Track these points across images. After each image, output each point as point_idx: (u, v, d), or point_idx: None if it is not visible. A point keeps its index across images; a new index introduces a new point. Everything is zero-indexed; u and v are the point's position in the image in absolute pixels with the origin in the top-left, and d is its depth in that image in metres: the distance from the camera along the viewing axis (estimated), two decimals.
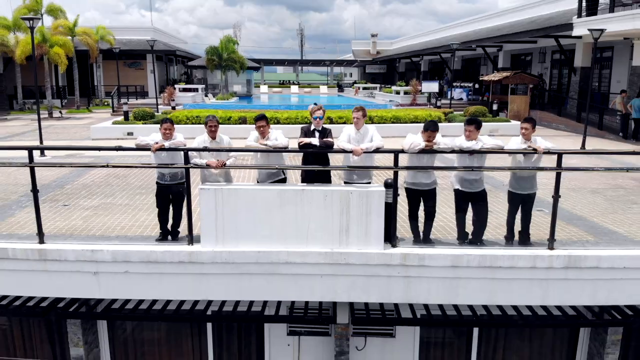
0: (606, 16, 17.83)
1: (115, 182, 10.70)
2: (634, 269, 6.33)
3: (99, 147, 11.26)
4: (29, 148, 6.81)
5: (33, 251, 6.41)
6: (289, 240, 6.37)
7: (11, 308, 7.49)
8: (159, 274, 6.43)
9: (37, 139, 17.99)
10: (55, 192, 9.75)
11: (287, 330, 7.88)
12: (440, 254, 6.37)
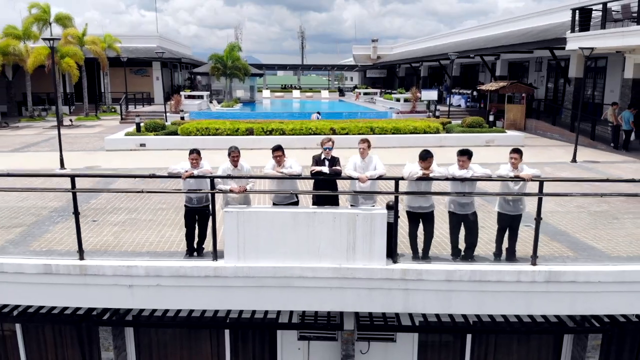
0: (597, 32, 18.63)
1: (136, 197, 11.51)
2: (608, 283, 7.15)
3: (134, 174, 11.88)
4: (72, 175, 7.58)
5: (75, 267, 7.24)
6: (302, 256, 7.19)
7: (50, 316, 8.33)
8: (187, 286, 7.26)
9: (52, 148, 18.92)
10: (82, 208, 10.54)
11: (297, 336, 8.70)
12: (436, 270, 7.19)
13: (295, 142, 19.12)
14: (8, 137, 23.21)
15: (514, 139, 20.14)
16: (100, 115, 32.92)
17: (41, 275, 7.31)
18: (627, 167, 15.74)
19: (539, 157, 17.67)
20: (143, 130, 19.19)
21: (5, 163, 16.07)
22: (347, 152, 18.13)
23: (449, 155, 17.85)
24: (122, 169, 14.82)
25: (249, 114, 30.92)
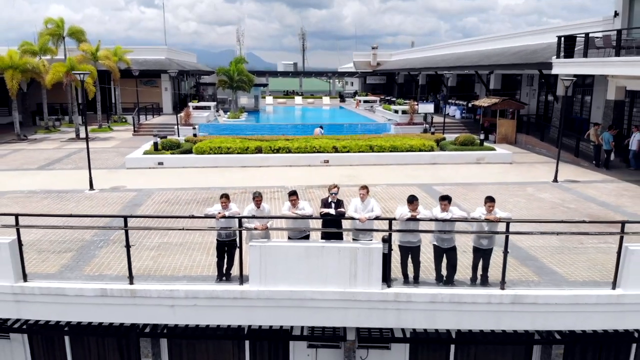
0: (580, 60, 20.18)
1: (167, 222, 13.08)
2: (563, 305, 8.74)
3: (176, 215, 12.98)
4: (125, 216, 9.09)
5: (126, 290, 8.82)
6: (312, 282, 8.77)
7: (97, 329, 9.91)
8: (219, 306, 8.85)
9: (75, 166, 20.52)
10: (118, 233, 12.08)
11: (307, 345, 10.28)
12: (422, 293, 8.78)
13: (301, 160, 20.75)
14: (30, 151, 24.76)
15: (503, 156, 21.72)
16: (111, 125, 34.50)
17: (98, 297, 8.91)
18: (604, 187, 17.27)
19: (524, 176, 19.25)
20: (160, 149, 20.73)
21: (36, 182, 17.64)
22: (348, 169, 19.84)
23: (442, 173, 19.62)
24: (145, 189, 16.38)
25: (255, 126, 32.50)
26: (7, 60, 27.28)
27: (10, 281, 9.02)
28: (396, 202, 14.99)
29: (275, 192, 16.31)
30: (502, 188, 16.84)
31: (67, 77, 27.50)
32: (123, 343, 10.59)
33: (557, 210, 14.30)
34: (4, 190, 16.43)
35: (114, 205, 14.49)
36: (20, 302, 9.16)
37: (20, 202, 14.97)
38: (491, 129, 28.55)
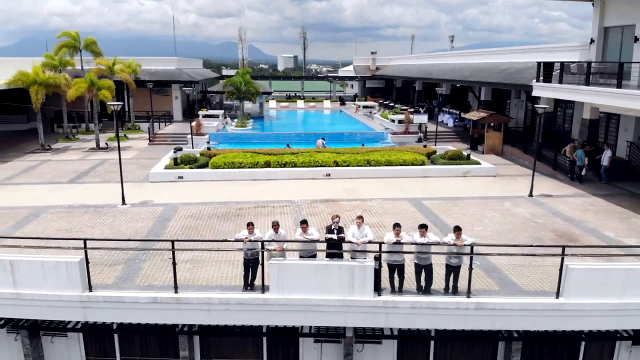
0: (556, 86, 22.47)
1: (191, 233, 15.44)
2: (516, 310, 11.12)
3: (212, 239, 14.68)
4: (172, 240, 11.42)
5: (172, 298, 11.20)
6: (319, 292, 11.13)
7: (145, 328, 12.29)
8: (245, 310, 11.22)
9: (103, 179, 22.82)
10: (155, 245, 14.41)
11: (313, 340, 12.66)
12: (405, 300, 11.15)
13: (305, 174, 23.10)
14: (56, 162, 27.05)
15: (487, 170, 24.05)
16: (126, 132, 36.76)
17: (150, 304, 11.29)
18: (573, 202, 19.61)
19: (505, 189, 21.57)
20: (179, 163, 23.05)
21: (71, 196, 19.96)
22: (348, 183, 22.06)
23: (431, 187, 21.89)
24: (171, 203, 18.73)
25: (261, 135, 34.82)
26: (32, 76, 29.53)
27: (79, 291, 11.40)
28: (390, 216, 17.39)
29: (285, 206, 18.65)
30: (482, 203, 19.20)
31: (89, 92, 29.73)
32: (163, 339, 13.01)
33: (526, 225, 16.65)
34: (46, 204, 18.76)
35: (147, 220, 16.84)
36: (86, 308, 11.54)
37: (63, 217, 17.32)
38: (480, 140, 30.87)
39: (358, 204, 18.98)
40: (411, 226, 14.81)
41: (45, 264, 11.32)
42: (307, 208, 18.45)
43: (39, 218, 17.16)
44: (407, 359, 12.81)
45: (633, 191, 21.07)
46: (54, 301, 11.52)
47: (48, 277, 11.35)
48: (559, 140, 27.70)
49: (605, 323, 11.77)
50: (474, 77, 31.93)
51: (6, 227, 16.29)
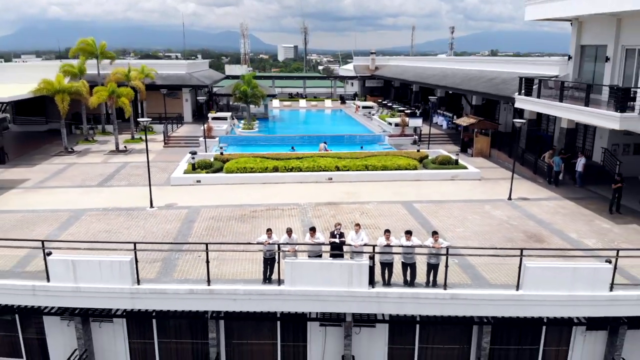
0: (534, 100, 24.96)
1: (214, 234, 18.04)
2: (484, 300, 13.76)
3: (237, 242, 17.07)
4: (207, 243, 14.03)
5: (206, 290, 13.85)
6: (324, 284, 13.77)
7: (179, 314, 14.93)
8: (265, 299, 13.88)
9: (128, 183, 25.34)
10: (185, 247, 17.00)
11: (319, 324, 15.31)
12: (394, 292, 13.79)
13: (309, 178, 25.68)
14: (82, 165, 29.60)
15: (473, 174, 26.62)
16: (140, 133, 39.23)
17: (187, 294, 13.94)
18: (546, 205, 22.19)
19: (487, 193, 24.14)
20: (196, 167, 25.62)
21: (103, 200, 22.52)
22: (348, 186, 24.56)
23: (422, 190, 24.42)
24: (193, 206, 21.33)
25: (267, 137, 37.35)
26: (56, 85, 31.99)
27: (129, 284, 14.04)
28: (384, 218, 20.01)
29: (292, 209, 21.25)
30: (465, 205, 21.81)
31: (110, 100, 32.22)
32: (194, 324, 15.67)
33: (501, 227, 19.27)
34: (83, 207, 21.37)
35: (174, 222, 19.45)
36: (135, 298, 14.19)
37: (101, 219, 19.93)
38: (470, 143, 33.42)
39: (357, 206, 21.59)
40: (402, 227, 17.44)
41: (102, 263, 13.97)
42: (312, 211, 21.06)
43: (80, 220, 19.76)
44: (397, 340, 15.49)
45: (603, 194, 23.60)
46: (109, 293, 14.18)
47: (104, 273, 13.99)
48: (542, 144, 30.25)
49: (557, 311, 14.43)
50: (464, 85, 34.39)
51: (52, 229, 18.91)
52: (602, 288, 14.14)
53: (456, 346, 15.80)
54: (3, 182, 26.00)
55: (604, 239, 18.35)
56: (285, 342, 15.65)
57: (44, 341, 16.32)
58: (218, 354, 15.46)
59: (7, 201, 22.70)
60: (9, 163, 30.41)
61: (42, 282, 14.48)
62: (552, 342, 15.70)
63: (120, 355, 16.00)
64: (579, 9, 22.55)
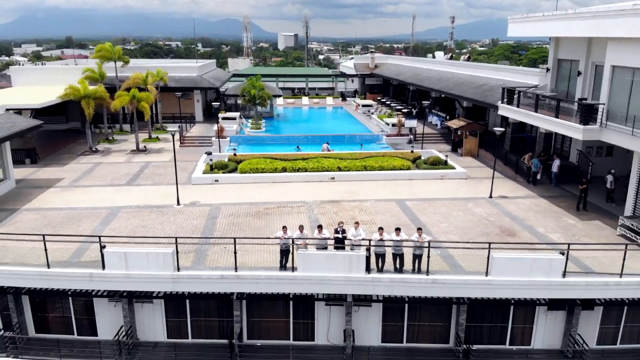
0: (514, 109, 28.01)
1: (235, 229, 21.20)
2: (459, 284, 16.99)
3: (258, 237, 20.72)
4: (235, 238, 17.23)
5: (234, 275, 17.09)
6: (329, 271, 17.00)
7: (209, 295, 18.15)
8: (283, 283, 17.13)
9: (154, 182, 28.40)
10: (212, 240, 20.15)
11: (325, 303, 18.55)
12: (386, 277, 17.04)
13: (314, 177, 28.82)
14: (108, 165, 32.67)
15: (460, 174, 29.75)
16: (155, 132, 42.24)
17: (219, 279, 17.18)
18: (522, 203, 25.32)
19: (472, 191, 27.24)
20: (214, 168, 28.75)
21: (133, 198, 25.64)
22: (348, 185, 27.64)
23: (414, 189, 27.55)
24: (214, 204, 24.48)
25: (274, 137, 40.44)
26: (82, 91, 34.99)
27: (171, 271, 17.26)
28: (380, 215, 23.15)
29: (300, 207, 24.40)
30: (451, 203, 24.96)
31: (131, 104, 35.26)
32: (222, 304, 18.89)
33: (480, 223, 22.44)
34: (118, 205, 24.52)
35: (200, 218, 22.63)
36: (175, 282, 17.42)
37: (136, 215, 23.11)
38: (460, 144, 36.49)
39: (356, 204, 24.75)
40: (395, 223, 20.61)
41: (149, 254, 17.19)
42: (318, 208, 24.23)
43: (117, 217, 22.94)
44: (389, 317, 18.75)
45: (575, 193, 26.60)
46: (154, 278, 17.40)
47: (150, 262, 17.21)
48: (524, 146, 33.31)
49: (520, 293, 17.65)
50: (455, 90, 37.39)
51: (96, 224, 22.09)
52: (556, 275, 17.36)
53: (438, 323, 19.09)
54: (40, 181, 29.14)
55: (567, 234, 21.53)
56: (296, 320, 18.94)
57: (93, 320, 19.58)
58: (241, 329, 18.74)
59: (49, 199, 25.84)
60: (40, 163, 33.47)
61: (98, 270, 17.70)
62: (518, 320, 18.96)
63: (158, 331, 19.28)
64: (554, 32, 25.54)
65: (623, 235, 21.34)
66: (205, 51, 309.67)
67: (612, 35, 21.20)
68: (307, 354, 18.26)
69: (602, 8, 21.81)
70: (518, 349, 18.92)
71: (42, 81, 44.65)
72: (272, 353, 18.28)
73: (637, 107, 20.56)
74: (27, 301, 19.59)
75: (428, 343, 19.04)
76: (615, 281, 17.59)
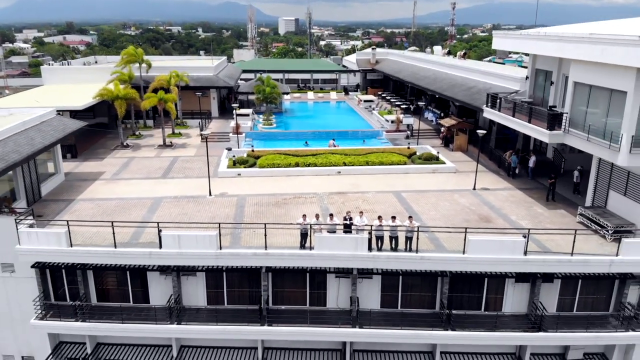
0: (496, 112, 32.32)
1: (261, 216, 25.74)
2: (441, 259, 21.63)
3: (283, 223, 25.76)
4: (265, 224, 21.86)
5: (264, 253, 21.73)
6: (338, 249, 21.62)
7: (241, 269, 22.77)
8: (302, 259, 21.79)
9: (185, 175, 32.90)
10: (241, 226, 24.68)
11: (335, 275, 23.18)
12: (384, 255, 21.68)
13: (323, 171, 33.31)
14: (141, 159, 37.07)
15: (449, 168, 34.22)
16: (177, 128, 46.59)
17: (251, 255, 21.82)
18: (501, 194, 29.81)
19: (459, 184, 31.69)
20: (236, 163, 33.22)
21: (170, 189, 30.12)
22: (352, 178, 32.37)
23: (409, 182, 32.21)
24: (240, 194, 28.97)
25: (284, 133, 44.90)
26: (115, 92, 39.32)
27: (215, 249, 21.87)
28: (380, 204, 27.65)
29: (312, 197, 28.91)
30: (440, 194, 29.46)
31: (159, 104, 39.62)
32: (252, 276, 23.50)
33: (463, 211, 26.96)
34: (158, 196, 29.02)
35: (230, 207, 27.16)
36: (218, 258, 22.04)
37: (176, 205, 27.62)
38: (451, 140, 40.87)
39: (359, 195, 29.24)
40: (392, 212, 25.10)
41: (198, 236, 21.79)
42: (327, 198, 28.75)
43: (161, 206, 27.47)
44: (387, 286, 23.41)
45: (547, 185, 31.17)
46: (200, 255, 22.01)
47: (199, 242, 21.81)
48: (508, 143, 37.69)
49: (490, 268, 22.25)
50: (448, 92, 41.67)
51: (144, 212, 26.62)
52: (519, 253, 21.93)
53: (426, 293, 23.76)
54: (85, 174, 33.62)
55: (535, 221, 26.04)
56: (312, 289, 23.61)
57: (146, 290, 24.21)
58: (267, 297, 23.40)
59: (97, 190, 30.35)
60: (80, 157, 37.88)
61: (156, 249, 22.27)
62: (491, 291, 23.59)
63: (200, 299, 23.95)
64: (529, 49, 29.85)
65: (581, 223, 25.84)
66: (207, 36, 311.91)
67: (573, 58, 25.50)
68: (320, 316, 22.95)
69: (567, 33, 26.06)
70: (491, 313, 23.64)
71: (70, 80, 49.01)
72: (293, 316, 22.94)
73: (592, 117, 24.93)
74: (91, 275, 24.20)
75: (418, 308, 23.74)
76: (567, 259, 22.15)
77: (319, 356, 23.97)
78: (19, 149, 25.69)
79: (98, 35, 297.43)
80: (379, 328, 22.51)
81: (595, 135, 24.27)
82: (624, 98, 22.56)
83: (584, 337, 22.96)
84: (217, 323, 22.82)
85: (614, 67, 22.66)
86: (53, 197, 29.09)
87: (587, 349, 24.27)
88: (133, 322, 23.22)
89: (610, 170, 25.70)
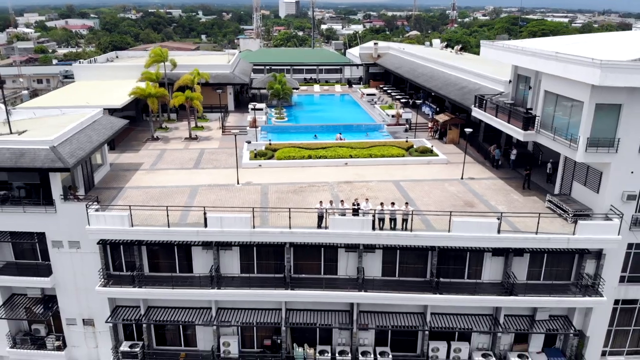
0: (482, 112, 37.41)
1: (282, 202, 31.05)
2: (430, 237, 27.07)
3: (303, 208, 31.19)
4: (289, 209, 27.25)
5: (289, 231, 27.17)
6: (348, 229, 27.05)
7: (269, 244, 28.18)
8: (318, 236, 27.27)
9: (214, 166, 38.12)
10: (268, 209, 29.97)
11: (344, 250, 28.61)
12: (384, 233, 27.12)
13: (332, 163, 38.59)
14: (173, 151, 42.17)
15: (442, 160, 39.44)
16: (199, 121, 51.57)
17: (279, 233, 27.27)
18: (484, 183, 35.05)
19: (450, 174, 36.88)
20: (257, 155, 38.47)
21: (203, 178, 35.36)
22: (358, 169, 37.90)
23: (407, 172, 37.65)
24: (263, 183, 34.22)
25: (296, 127, 50.03)
26: (147, 91, 44.39)
27: (249, 228, 27.29)
28: (382, 192, 32.95)
29: (324, 185, 34.17)
30: (433, 183, 34.72)
31: (187, 102, 44.72)
32: (277, 250, 28.92)
33: (451, 198, 32.25)
34: (194, 184, 34.28)
35: (256, 194, 32.45)
36: (252, 235, 27.48)
37: (211, 192, 32.91)
38: (445, 134, 46.00)
39: (364, 184, 34.50)
40: (391, 198, 30.33)
41: (236, 218, 27.18)
42: (337, 187, 34.03)
43: (198, 193, 32.76)
44: (387, 259, 28.88)
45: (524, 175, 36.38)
46: (238, 233, 27.43)
47: (237, 222, 27.20)
48: (494, 136, 42.72)
49: (471, 243, 27.65)
50: (443, 90, 46.65)
51: (185, 198, 31.92)
52: (493, 232, 27.30)
53: (419, 265, 29.22)
54: (126, 165, 38.77)
55: (510, 206, 31.33)
56: (326, 262, 29.08)
57: (190, 262, 29.66)
58: (290, 267, 28.86)
59: (141, 179, 35.58)
60: (117, 149, 42.97)
61: (202, 228, 27.64)
62: (472, 264, 29.05)
63: (235, 269, 29.44)
64: (511, 60, 34.87)
65: (549, 207, 31.12)
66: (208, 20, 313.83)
67: (543, 71, 30.58)
68: (332, 283, 28.46)
69: (538, 48, 31.08)
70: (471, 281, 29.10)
71: (99, 76, 53.99)
72: (310, 282, 28.43)
73: (558, 121, 30.09)
74: (144, 250, 29.62)
75: (412, 277, 29.23)
76: (532, 236, 27.50)
77: (332, 315, 29.50)
78: (83, 146, 30.90)
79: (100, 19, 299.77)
80: (381, 292, 28.00)
81: (560, 136, 29.48)
82: (582, 106, 27.69)
83: (549, 300, 28.38)
84: (250, 288, 28.31)
85: (574, 81, 27.74)
86: (104, 186, 34.28)
87: (552, 311, 29.78)
88: (180, 288, 28.69)
89: (574, 164, 30.90)
